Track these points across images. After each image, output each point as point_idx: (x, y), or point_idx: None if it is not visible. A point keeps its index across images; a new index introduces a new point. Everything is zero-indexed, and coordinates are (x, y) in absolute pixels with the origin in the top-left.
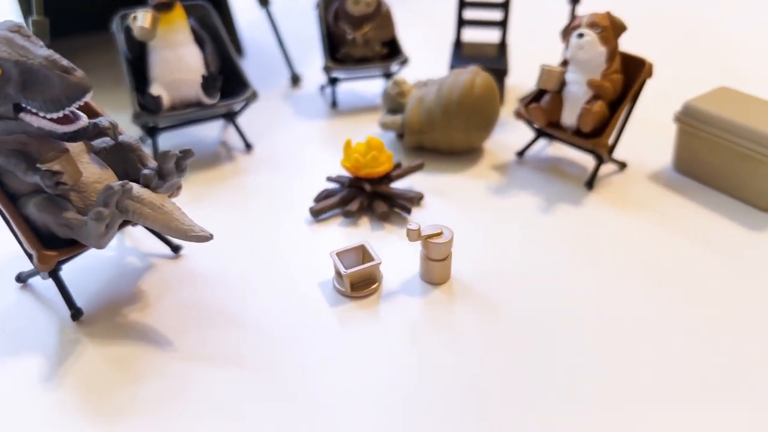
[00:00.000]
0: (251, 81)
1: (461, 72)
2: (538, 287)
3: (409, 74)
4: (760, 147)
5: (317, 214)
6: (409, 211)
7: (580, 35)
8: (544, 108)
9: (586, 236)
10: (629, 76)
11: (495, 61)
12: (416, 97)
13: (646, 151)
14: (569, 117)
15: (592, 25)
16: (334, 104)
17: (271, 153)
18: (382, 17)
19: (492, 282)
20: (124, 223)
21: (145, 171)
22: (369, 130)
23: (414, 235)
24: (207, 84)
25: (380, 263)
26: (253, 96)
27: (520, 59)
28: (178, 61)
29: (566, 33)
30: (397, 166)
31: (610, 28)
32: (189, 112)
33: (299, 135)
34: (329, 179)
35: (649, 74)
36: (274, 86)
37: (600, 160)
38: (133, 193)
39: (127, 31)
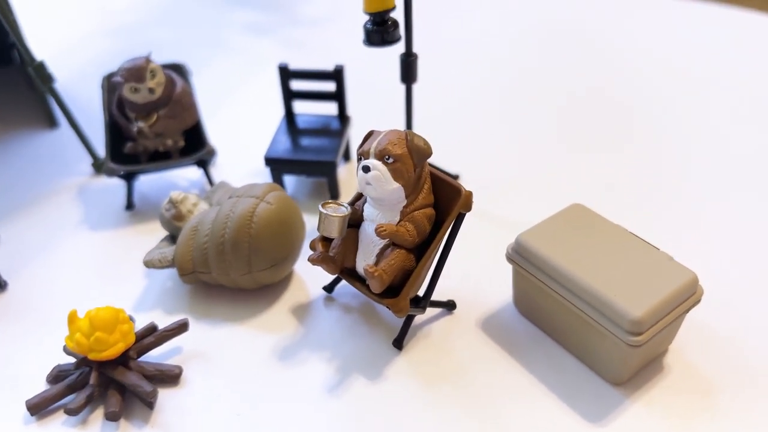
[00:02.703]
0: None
1: (245, 192)
2: None
3: (226, 169)
4: (588, 307)
5: (35, 409)
6: (150, 405)
7: (366, 168)
8: (332, 256)
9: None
10: (446, 203)
11: (325, 149)
12: (190, 227)
13: (487, 280)
14: (363, 264)
15: (383, 153)
16: (129, 206)
17: (30, 289)
18: (175, 104)
19: None
20: None
21: None
22: None
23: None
24: None
25: None
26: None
27: (370, 125)
28: None
29: (357, 154)
30: (149, 332)
31: (408, 157)
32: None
33: (75, 254)
34: (66, 351)
35: (466, 207)
36: (73, 174)
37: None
38: None
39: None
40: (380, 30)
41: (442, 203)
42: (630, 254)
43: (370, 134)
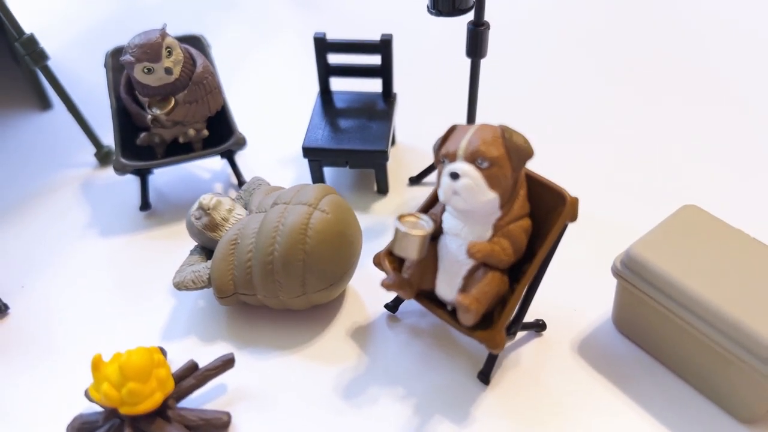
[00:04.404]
0: (51, 150)
1: (293, 197)
2: None
3: (250, 158)
4: (716, 332)
5: None
6: None
7: (454, 175)
8: (408, 279)
9: None
10: (545, 211)
11: (372, 135)
12: (228, 239)
13: (578, 295)
14: (446, 288)
15: (475, 156)
16: (144, 206)
17: (35, 313)
18: (195, 86)
19: None
20: None
21: None
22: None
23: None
24: None
25: None
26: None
27: (418, 107)
28: None
29: (437, 156)
30: (189, 371)
31: (506, 159)
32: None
33: (85, 267)
34: (89, 397)
35: (572, 216)
36: (74, 165)
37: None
38: None
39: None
40: None
41: (538, 212)
42: (759, 266)
43: (452, 130)
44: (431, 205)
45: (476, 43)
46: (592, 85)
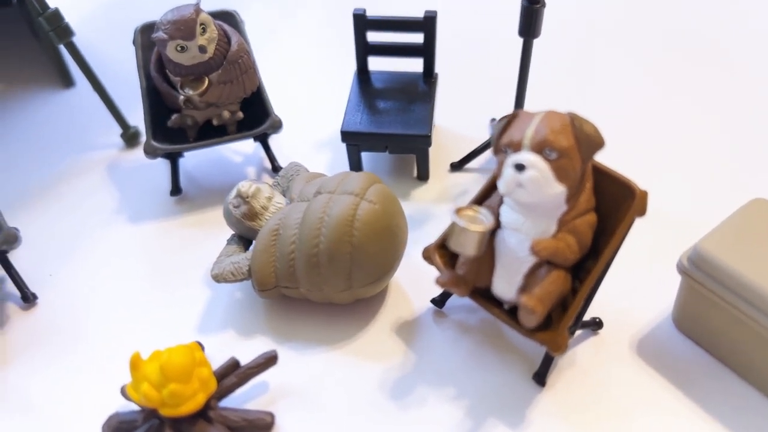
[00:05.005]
0: (70, 132)
1: (338, 186)
2: None
3: (283, 140)
4: None
5: None
6: None
7: (520, 167)
8: (463, 276)
9: None
10: (610, 205)
11: (413, 119)
12: (269, 230)
13: (635, 292)
14: (504, 286)
15: (542, 146)
16: (175, 191)
17: (64, 302)
18: (230, 65)
19: None
20: None
21: None
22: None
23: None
24: None
25: None
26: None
27: (459, 88)
28: None
29: (497, 145)
30: (231, 369)
31: (576, 150)
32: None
33: (114, 254)
34: (125, 395)
35: (641, 211)
36: (100, 147)
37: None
38: None
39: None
40: None
41: (603, 205)
42: None
43: (514, 116)
44: (486, 195)
45: (530, 22)
46: (653, 71)
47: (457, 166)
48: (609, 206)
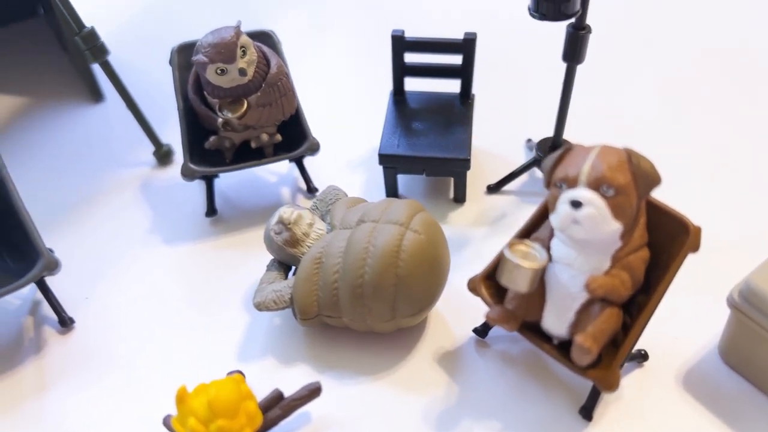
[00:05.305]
0: (102, 153)
1: (382, 215)
2: None
3: (316, 161)
4: None
5: None
6: None
7: (576, 204)
8: (512, 311)
9: None
10: (663, 240)
11: (452, 142)
12: (311, 258)
13: (680, 323)
14: (555, 322)
15: (599, 182)
16: (210, 212)
17: (101, 327)
18: (269, 87)
19: None
20: None
21: None
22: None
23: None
24: None
25: None
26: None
27: (495, 109)
28: None
29: (550, 179)
30: (275, 401)
31: (633, 187)
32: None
33: (151, 276)
34: (169, 428)
35: (695, 247)
36: (132, 164)
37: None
38: None
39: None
40: None
41: (655, 240)
42: None
43: (567, 151)
44: (535, 226)
45: (575, 48)
46: (698, 99)
47: (494, 189)
48: (662, 241)
